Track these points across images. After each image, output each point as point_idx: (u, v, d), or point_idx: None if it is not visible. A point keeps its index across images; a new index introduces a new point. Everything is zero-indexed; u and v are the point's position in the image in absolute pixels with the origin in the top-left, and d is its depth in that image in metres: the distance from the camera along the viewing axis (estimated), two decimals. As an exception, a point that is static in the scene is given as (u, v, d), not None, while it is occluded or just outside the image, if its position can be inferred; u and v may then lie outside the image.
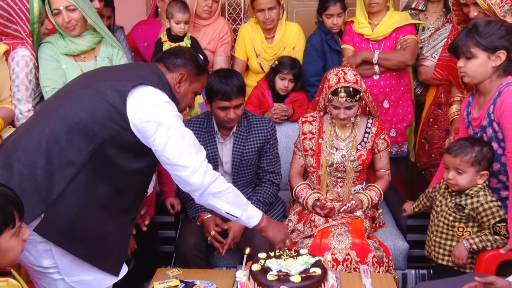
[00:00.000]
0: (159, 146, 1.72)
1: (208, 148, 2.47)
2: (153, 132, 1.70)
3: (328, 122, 2.55)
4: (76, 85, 1.82)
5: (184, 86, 1.89)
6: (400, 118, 3.19)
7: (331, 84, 2.39)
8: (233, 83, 2.34)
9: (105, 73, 1.85)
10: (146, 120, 1.69)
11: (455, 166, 2.09)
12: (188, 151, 1.74)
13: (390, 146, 3.14)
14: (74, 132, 1.66)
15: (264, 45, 3.16)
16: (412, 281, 2.53)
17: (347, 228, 2.32)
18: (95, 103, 1.69)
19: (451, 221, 2.13)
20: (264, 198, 2.50)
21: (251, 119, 2.52)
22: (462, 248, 2.08)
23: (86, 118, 1.67)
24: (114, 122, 1.68)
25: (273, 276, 1.64)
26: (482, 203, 2.06)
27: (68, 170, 1.64)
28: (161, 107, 1.72)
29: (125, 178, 1.77)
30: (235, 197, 1.88)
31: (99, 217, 1.72)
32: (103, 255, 1.76)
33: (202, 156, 1.79)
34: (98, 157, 1.68)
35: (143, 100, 1.71)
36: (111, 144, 1.69)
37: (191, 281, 1.95)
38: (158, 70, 1.84)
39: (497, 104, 2.00)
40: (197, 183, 1.76)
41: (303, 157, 2.59)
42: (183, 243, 2.36)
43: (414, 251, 2.50)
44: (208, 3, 3.08)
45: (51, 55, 2.39)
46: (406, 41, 3.02)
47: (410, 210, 2.47)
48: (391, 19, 3.07)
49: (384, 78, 3.10)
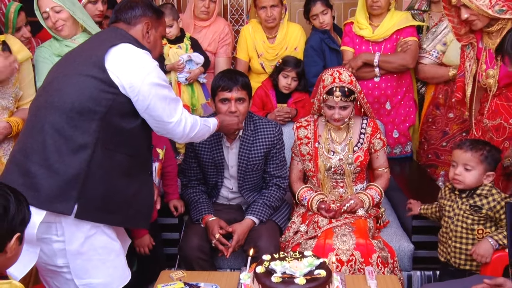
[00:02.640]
0: (142, 106, 1.77)
1: (214, 152, 2.46)
2: (136, 93, 1.74)
3: (323, 125, 2.54)
4: (52, 77, 1.83)
5: (152, 35, 1.91)
6: (402, 119, 3.17)
7: (326, 84, 2.39)
8: (236, 77, 2.36)
9: (72, 54, 1.87)
10: (128, 82, 1.72)
11: (464, 162, 2.09)
12: (169, 107, 1.82)
13: (393, 147, 3.15)
14: (73, 117, 1.69)
15: (266, 45, 3.16)
16: (417, 283, 2.51)
17: (351, 229, 2.31)
18: (80, 83, 1.71)
19: (469, 224, 2.10)
20: (271, 202, 2.48)
21: (258, 123, 2.49)
22: (488, 246, 2.04)
23: (78, 101, 1.70)
24: (104, 92, 1.71)
25: (278, 278, 1.63)
26: (499, 201, 2.06)
27: (83, 153, 1.69)
28: (138, 64, 1.75)
29: (132, 140, 1.82)
30: (204, 130, 2.06)
31: (125, 183, 1.81)
32: (135, 215, 1.89)
33: (181, 108, 1.89)
34: (105, 130, 1.72)
35: (119, 61, 1.73)
36: (111, 114, 1.73)
37: (195, 283, 1.94)
38: (118, 31, 1.85)
39: None
40: (180, 132, 1.90)
41: (301, 162, 2.59)
42: (186, 245, 2.35)
43: (420, 252, 2.49)
44: (205, 4, 3.08)
45: (46, 57, 2.42)
46: (407, 43, 2.99)
47: (416, 211, 2.44)
48: (392, 20, 3.04)
49: (385, 80, 3.08)
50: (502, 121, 2.28)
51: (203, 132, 2.06)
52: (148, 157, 2.01)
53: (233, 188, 2.54)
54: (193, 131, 1.96)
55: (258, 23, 3.18)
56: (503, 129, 2.29)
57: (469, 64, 2.37)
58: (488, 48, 2.28)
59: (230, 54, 3.26)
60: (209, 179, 2.54)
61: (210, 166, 2.49)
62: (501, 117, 2.28)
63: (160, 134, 1.94)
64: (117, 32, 1.83)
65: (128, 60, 1.75)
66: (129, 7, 1.88)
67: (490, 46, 2.27)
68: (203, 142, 2.44)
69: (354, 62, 3.03)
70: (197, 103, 3.07)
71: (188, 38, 3.00)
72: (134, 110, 1.79)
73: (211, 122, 2.13)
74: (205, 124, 2.06)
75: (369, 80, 3.06)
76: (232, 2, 4.36)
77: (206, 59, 3.05)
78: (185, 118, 1.90)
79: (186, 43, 2.96)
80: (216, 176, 2.52)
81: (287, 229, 2.50)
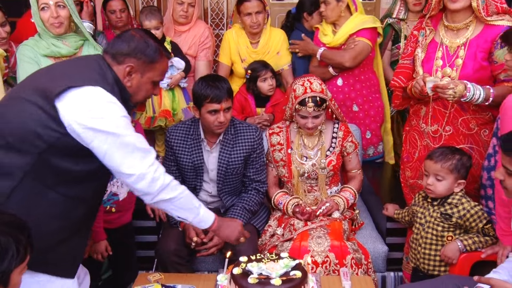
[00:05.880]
0: (99, 153, 1.59)
1: (193, 155, 2.46)
2: (90, 140, 1.56)
3: (295, 131, 2.59)
4: (11, 95, 1.69)
5: (135, 79, 1.70)
6: (372, 119, 3.22)
7: (298, 94, 2.43)
8: (222, 86, 2.33)
9: (35, 75, 1.72)
10: (82, 126, 1.55)
11: (435, 172, 2.12)
12: (131, 158, 1.60)
13: (366, 149, 3.20)
14: (8, 145, 1.55)
15: (249, 50, 3.18)
16: (391, 284, 2.57)
17: (326, 231, 2.36)
18: (26, 111, 1.55)
19: (440, 231, 2.15)
20: (250, 206, 2.49)
21: (238, 127, 2.50)
22: (456, 248, 2.11)
23: (19, 128, 1.55)
24: (50, 129, 1.54)
25: (254, 279, 1.65)
26: (468, 209, 2.10)
27: (6, 182, 1.53)
28: (97, 110, 1.56)
29: (76, 183, 1.64)
30: (186, 202, 1.79)
31: (52, 226, 1.61)
32: (57, 261, 1.66)
33: (149, 161, 1.64)
34: (40, 166, 1.56)
35: (76, 104, 1.55)
36: (52, 152, 1.56)
37: (173, 285, 1.95)
38: (102, 62, 1.66)
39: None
40: (143, 190, 1.65)
41: (275, 168, 2.63)
42: (163, 249, 2.35)
43: (394, 254, 2.54)
44: (183, 8, 3.08)
45: (31, 57, 2.34)
46: (354, 42, 3.01)
47: (391, 213, 2.50)
48: (348, 26, 3.06)
49: (348, 85, 3.13)
50: (439, 127, 2.32)
51: (183, 204, 1.75)
52: (93, 206, 1.78)
53: (212, 192, 2.54)
54: (167, 192, 1.68)
55: (241, 28, 3.20)
56: (439, 136, 2.32)
57: (420, 51, 2.35)
58: (446, 45, 2.29)
59: (211, 57, 3.27)
60: (188, 183, 2.52)
61: (189, 170, 2.49)
62: (438, 123, 2.32)
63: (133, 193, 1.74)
64: (97, 68, 1.64)
65: (83, 105, 1.56)
66: (121, 40, 1.70)
67: (448, 44, 2.27)
68: (183, 145, 2.44)
69: (307, 46, 3.11)
70: (178, 107, 3.07)
71: (169, 42, 3.00)
72: (85, 154, 1.60)
73: (204, 210, 1.85)
74: (190, 198, 1.79)
75: (330, 83, 3.08)
76: (213, 6, 4.38)
77: (187, 64, 3.06)
78: (156, 173, 1.64)
79: (167, 47, 2.95)
80: (195, 180, 2.52)
81: (263, 232, 2.53)
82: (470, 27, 2.23)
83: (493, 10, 2.18)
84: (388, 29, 3.26)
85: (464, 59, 2.23)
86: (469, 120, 2.28)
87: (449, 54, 2.28)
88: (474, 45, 2.22)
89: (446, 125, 2.30)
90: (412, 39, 2.44)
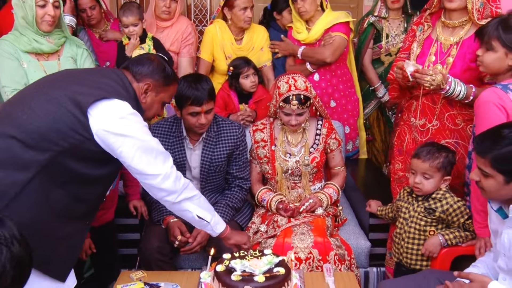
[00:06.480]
0: (127, 158, 1.72)
1: (176, 153, 2.45)
2: (119, 145, 1.69)
3: (279, 128, 2.60)
4: (34, 91, 1.75)
5: (150, 97, 1.87)
6: (350, 114, 3.26)
7: (282, 91, 2.43)
8: (203, 88, 2.31)
9: (66, 79, 1.78)
10: (112, 133, 1.67)
11: (423, 171, 2.15)
12: (155, 161, 1.76)
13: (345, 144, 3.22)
14: (30, 139, 1.61)
15: (234, 46, 3.16)
16: (374, 279, 2.60)
17: (309, 227, 2.37)
18: (55, 112, 1.64)
19: (422, 226, 2.18)
20: (233, 203, 2.50)
21: (221, 124, 2.50)
22: (437, 242, 2.14)
23: (45, 127, 1.62)
24: (75, 132, 1.64)
25: (237, 276, 1.65)
26: (451, 204, 2.14)
27: (22, 174, 1.60)
28: (126, 119, 1.70)
29: (84, 185, 1.73)
30: (205, 202, 1.97)
31: (55, 223, 1.68)
32: (52, 260, 1.70)
33: (170, 163, 1.82)
34: (54, 164, 1.63)
35: (107, 113, 1.67)
36: (70, 153, 1.65)
37: (156, 283, 1.94)
38: (124, 78, 1.81)
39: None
40: (170, 189, 1.80)
41: (258, 165, 2.63)
42: (146, 247, 2.34)
43: (376, 249, 2.57)
44: (166, 4, 3.05)
45: (11, 53, 2.29)
46: (331, 37, 3.04)
47: (374, 209, 2.52)
48: (322, 21, 3.09)
49: (325, 80, 3.16)
50: (426, 121, 2.37)
51: (202, 204, 1.94)
52: (93, 209, 1.89)
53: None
54: (189, 191, 1.86)
55: (226, 24, 3.17)
56: (426, 130, 2.37)
57: (416, 46, 2.39)
58: (440, 42, 2.33)
59: (194, 54, 3.23)
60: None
61: (172, 167, 2.49)
62: (426, 118, 2.36)
63: (153, 196, 1.86)
64: (120, 82, 1.78)
65: (113, 114, 1.68)
66: (141, 62, 1.86)
67: (443, 41, 2.31)
68: (166, 143, 2.43)
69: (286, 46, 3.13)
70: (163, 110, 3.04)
71: (150, 38, 2.96)
72: (98, 159, 1.72)
73: (217, 214, 2.04)
74: (206, 200, 1.97)
75: (308, 79, 3.05)
76: (196, 3, 4.36)
77: (169, 60, 3.03)
78: (178, 173, 1.83)
79: (149, 43, 2.92)
80: (178, 177, 2.52)
81: (247, 229, 2.53)
82: (465, 27, 2.27)
83: (488, 13, 2.21)
84: (369, 28, 3.30)
85: (454, 58, 2.28)
86: (455, 116, 2.31)
87: (442, 52, 2.32)
88: (465, 45, 2.26)
89: (433, 120, 2.34)
90: (410, 33, 2.49)
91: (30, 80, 2.23)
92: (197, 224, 2.00)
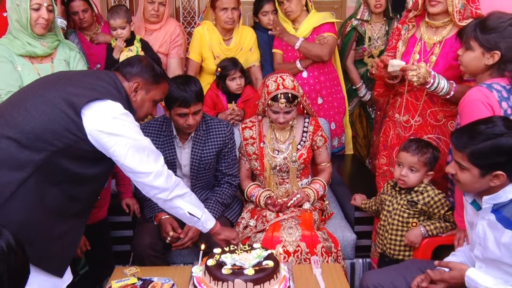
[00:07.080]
0: (119, 157, 1.77)
1: (166, 151, 2.48)
2: (112, 144, 1.74)
3: (267, 125, 2.66)
4: (29, 92, 1.79)
5: (140, 95, 1.91)
6: (336, 111, 3.33)
7: (271, 90, 2.49)
8: (191, 90, 2.34)
9: (60, 81, 1.82)
10: (105, 133, 1.72)
11: (410, 164, 2.22)
12: (147, 159, 1.81)
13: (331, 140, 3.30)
14: (26, 140, 1.65)
15: (223, 47, 3.20)
16: (360, 270, 2.66)
17: (297, 221, 2.43)
18: (50, 113, 1.68)
19: (405, 218, 2.25)
20: (223, 199, 2.54)
21: (210, 123, 2.54)
22: (419, 233, 2.22)
23: (40, 127, 1.66)
24: (70, 132, 1.69)
25: (228, 270, 1.69)
26: (432, 196, 2.21)
27: (18, 174, 1.63)
28: (119, 119, 1.75)
29: (78, 184, 1.78)
30: (196, 200, 2.03)
31: (51, 222, 1.73)
32: (50, 257, 1.75)
33: (162, 161, 1.87)
34: (49, 164, 1.67)
35: (100, 114, 1.72)
36: (64, 153, 1.69)
37: (149, 278, 1.97)
38: (116, 79, 1.85)
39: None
40: (162, 186, 1.85)
41: (248, 162, 2.70)
42: (139, 243, 2.38)
43: (362, 241, 2.64)
44: (154, 7, 3.08)
45: (5, 56, 2.30)
46: (325, 38, 3.13)
47: (359, 203, 2.58)
48: (310, 21, 3.18)
49: (313, 77, 3.23)
50: (410, 118, 2.43)
51: (193, 201, 1.99)
52: (87, 207, 1.93)
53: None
54: (180, 188, 1.91)
55: (213, 25, 3.21)
56: (409, 126, 2.44)
57: (401, 44, 2.46)
58: (424, 41, 2.39)
59: (183, 55, 3.27)
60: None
61: (162, 165, 2.54)
62: (409, 114, 2.43)
63: (146, 194, 1.91)
64: (112, 83, 1.83)
65: (106, 115, 1.73)
66: (130, 63, 1.92)
67: (426, 40, 2.38)
68: (156, 141, 2.46)
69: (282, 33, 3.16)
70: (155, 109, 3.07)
71: (139, 40, 2.99)
72: (92, 159, 1.77)
73: (207, 210, 2.10)
74: (196, 197, 2.02)
75: (296, 77, 3.11)
76: (184, 5, 4.37)
77: (158, 61, 3.07)
78: (169, 171, 1.88)
79: (137, 45, 2.95)
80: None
81: (237, 224, 2.59)
82: (447, 27, 2.34)
83: (468, 14, 2.28)
84: (352, 32, 3.38)
85: (437, 56, 2.34)
86: (437, 112, 2.38)
87: (426, 50, 2.39)
88: (448, 45, 2.33)
89: (416, 116, 2.41)
90: (396, 32, 2.56)
91: (25, 83, 2.25)
92: (188, 221, 2.05)
